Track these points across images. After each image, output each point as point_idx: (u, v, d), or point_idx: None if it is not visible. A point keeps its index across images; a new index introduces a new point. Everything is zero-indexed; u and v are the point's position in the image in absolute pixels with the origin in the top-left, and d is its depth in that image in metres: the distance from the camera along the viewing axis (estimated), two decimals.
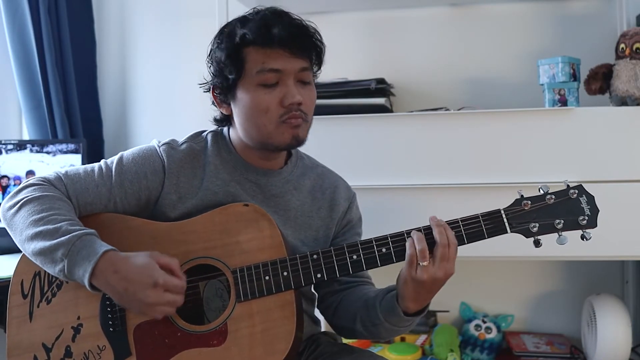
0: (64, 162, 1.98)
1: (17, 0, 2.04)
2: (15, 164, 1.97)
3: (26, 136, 2.22)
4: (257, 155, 1.19)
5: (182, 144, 1.21)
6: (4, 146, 1.98)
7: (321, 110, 1.73)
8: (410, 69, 2.09)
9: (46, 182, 1.12)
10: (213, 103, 1.22)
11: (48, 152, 1.98)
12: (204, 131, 1.25)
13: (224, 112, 1.19)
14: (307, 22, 1.13)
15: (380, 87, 1.79)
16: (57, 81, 2.09)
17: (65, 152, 1.98)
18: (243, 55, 1.10)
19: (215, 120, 1.25)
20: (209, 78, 1.20)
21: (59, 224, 1.02)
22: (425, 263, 1.01)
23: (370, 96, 1.77)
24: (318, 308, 1.29)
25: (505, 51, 2.03)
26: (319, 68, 1.19)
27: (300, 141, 1.14)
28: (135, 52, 2.32)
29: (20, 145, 1.98)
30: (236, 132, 1.19)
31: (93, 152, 2.19)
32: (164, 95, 2.30)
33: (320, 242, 1.24)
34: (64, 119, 2.11)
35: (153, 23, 2.29)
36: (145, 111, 2.31)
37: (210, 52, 1.18)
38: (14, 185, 1.92)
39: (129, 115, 2.33)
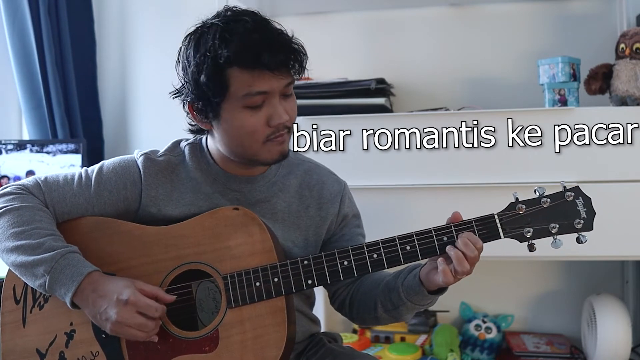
0: (64, 162, 1.98)
1: (17, 0, 2.04)
2: (15, 164, 1.97)
3: (26, 136, 2.22)
4: (239, 166, 1.17)
5: (161, 155, 1.19)
6: (4, 146, 1.98)
7: (321, 110, 1.74)
8: (410, 69, 2.09)
9: (25, 190, 1.12)
10: (188, 115, 1.17)
11: (48, 152, 1.98)
12: (181, 141, 1.23)
13: (203, 127, 1.15)
14: (286, 33, 1.07)
15: (380, 87, 1.78)
16: (57, 81, 2.09)
17: (65, 152, 1.99)
18: (227, 76, 1.04)
19: (191, 131, 1.23)
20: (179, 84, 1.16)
21: (41, 239, 1.04)
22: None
23: (370, 96, 1.76)
24: (332, 305, 1.27)
25: (505, 51, 2.03)
26: (301, 74, 1.13)
27: (286, 155, 1.13)
28: (135, 52, 2.32)
29: (20, 145, 1.98)
30: (215, 144, 1.16)
31: (93, 152, 2.18)
32: (164, 95, 2.28)
33: (311, 242, 1.22)
34: (64, 119, 2.10)
35: (153, 23, 2.29)
36: (145, 111, 2.31)
37: (184, 60, 1.14)
38: None
39: (129, 115, 2.33)
